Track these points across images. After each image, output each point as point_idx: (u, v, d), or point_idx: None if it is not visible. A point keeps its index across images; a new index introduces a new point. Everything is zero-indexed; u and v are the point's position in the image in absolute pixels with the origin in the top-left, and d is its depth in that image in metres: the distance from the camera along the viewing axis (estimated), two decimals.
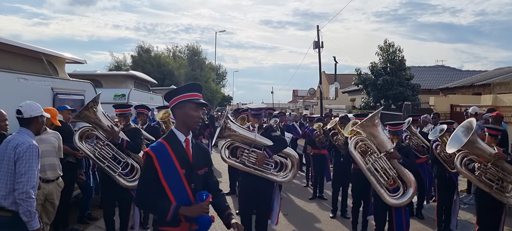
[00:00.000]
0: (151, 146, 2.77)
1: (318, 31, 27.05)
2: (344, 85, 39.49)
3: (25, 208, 3.37)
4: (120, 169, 5.15)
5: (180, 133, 2.82)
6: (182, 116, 2.80)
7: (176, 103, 2.79)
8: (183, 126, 2.82)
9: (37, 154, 3.52)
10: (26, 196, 3.36)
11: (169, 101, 2.84)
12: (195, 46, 44.39)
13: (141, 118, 6.70)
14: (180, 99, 2.78)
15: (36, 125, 3.69)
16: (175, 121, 2.88)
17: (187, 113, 2.79)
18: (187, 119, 2.80)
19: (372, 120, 5.15)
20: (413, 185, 4.96)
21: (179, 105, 2.79)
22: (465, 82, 21.58)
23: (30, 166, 3.43)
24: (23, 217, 3.39)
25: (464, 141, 4.95)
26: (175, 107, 2.81)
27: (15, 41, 6.16)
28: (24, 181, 3.38)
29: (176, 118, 2.85)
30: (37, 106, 3.72)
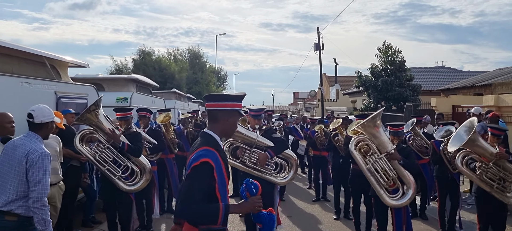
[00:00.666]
0: (207, 155, 2.54)
1: (319, 33, 27.11)
2: (344, 87, 39.47)
3: (40, 216, 3.35)
4: (120, 172, 5.14)
5: (220, 140, 2.72)
6: (229, 123, 2.71)
7: (229, 109, 2.69)
8: (223, 133, 2.74)
9: (49, 160, 3.50)
10: (41, 204, 3.35)
11: (214, 102, 2.71)
12: (196, 49, 44.56)
13: (143, 120, 6.72)
14: (234, 107, 2.71)
15: (45, 131, 3.68)
16: (213, 124, 2.71)
17: (234, 123, 2.76)
18: (231, 128, 2.75)
19: (373, 120, 5.16)
20: (413, 187, 4.97)
21: (231, 113, 2.70)
22: (466, 83, 21.59)
23: (44, 173, 3.41)
24: (38, 226, 3.37)
25: (465, 139, 4.96)
26: (223, 113, 2.68)
27: (18, 46, 6.19)
28: (39, 189, 3.36)
29: (218, 122, 2.69)
30: (49, 112, 3.70)
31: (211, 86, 42.25)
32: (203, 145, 2.61)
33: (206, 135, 2.70)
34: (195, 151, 2.60)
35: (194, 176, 2.51)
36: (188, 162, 2.59)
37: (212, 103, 2.71)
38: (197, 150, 2.60)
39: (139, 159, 5.32)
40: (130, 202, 5.44)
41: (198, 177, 2.51)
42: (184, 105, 18.08)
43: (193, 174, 2.51)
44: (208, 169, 2.51)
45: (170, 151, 7.64)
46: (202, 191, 2.49)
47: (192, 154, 2.60)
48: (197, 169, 2.50)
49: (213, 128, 2.71)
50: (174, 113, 12.67)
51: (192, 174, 2.51)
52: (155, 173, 6.63)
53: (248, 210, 2.62)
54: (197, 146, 2.65)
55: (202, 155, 2.53)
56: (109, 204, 5.51)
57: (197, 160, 2.51)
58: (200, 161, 2.50)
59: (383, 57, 21.84)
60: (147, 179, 5.34)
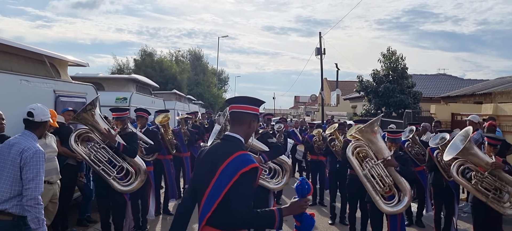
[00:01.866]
0: (253, 160, 2.51)
1: (321, 38, 27.15)
2: (345, 92, 39.50)
3: (33, 214, 3.34)
4: (115, 173, 5.11)
5: None
6: (252, 127, 2.71)
7: (254, 113, 2.69)
8: (247, 136, 2.70)
9: (43, 159, 3.49)
10: (35, 202, 3.34)
11: (245, 105, 2.68)
12: (197, 51, 44.61)
13: (141, 121, 6.73)
14: (257, 112, 2.72)
15: (42, 130, 3.70)
16: (239, 127, 2.66)
17: (255, 127, 2.76)
18: (252, 131, 2.75)
19: (371, 126, 5.17)
20: (409, 194, 4.97)
21: (255, 117, 2.71)
22: (467, 91, 21.59)
23: (38, 171, 3.41)
24: (31, 224, 3.35)
25: (460, 147, 4.94)
26: (250, 116, 2.67)
27: (18, 43, 6.21)
28: (32, 187, 3.36)
29: (244, 125, 2.66)
30: (47, 111, 3.72)
31: (212, 88, 42.28)
32: (238, 149, 2.55)
33: (233, 138, 2.63)
34: (233, 155, 2.50)
35: (246, 182, 2.44)
36: (228, 168, 2.47)
37: (241, 106, 2.67)
38: (235, 154, 2.50)
39: (135, 159, 5.29)
40: (124, 203, 5.42)
41: (249, 182, 2.47)
42: (184, 106, 18.11)
43: (244, 180, 2.43)
44: (256, 173, 2.50)
45: (168, 152, 7.64)
46: (250, 196, 2.47)
47: (228, 160, 2.49)
48: (249, 174, 2.45)
49: (238, 130, 2.66)
50: (174, 114, 12.70)
51: (243, 180, 2.43)
52: (151, 174, 6.63)
53: (297, 212, 2.60)
54: (228, 150, 2.55)
55: (250, 160, 2.48)
56: (102, 204, 5.47)
57: (246, 165, 2.44)
58: (250, 166, 2.45)
59: (386, 63, 21.86)
60: (142, 180, 5.32)
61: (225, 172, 2.47)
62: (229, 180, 2.43)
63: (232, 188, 2.43)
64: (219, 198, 2.46)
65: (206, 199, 2.53)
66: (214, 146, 2.73)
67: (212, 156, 2.63)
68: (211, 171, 2.53)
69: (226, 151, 2.55)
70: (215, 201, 2.47)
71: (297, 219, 2.64)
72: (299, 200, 2.60)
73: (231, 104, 2.72)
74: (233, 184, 2.43)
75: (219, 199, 2.46)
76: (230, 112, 2.71)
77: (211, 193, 2.50)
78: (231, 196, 2.44)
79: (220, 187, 2.46)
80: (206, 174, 2.57)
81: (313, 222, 2.66)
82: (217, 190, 2.47)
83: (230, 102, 2.75)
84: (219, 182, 2.47)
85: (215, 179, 2.49)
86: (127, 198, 5.44)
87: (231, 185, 2.43)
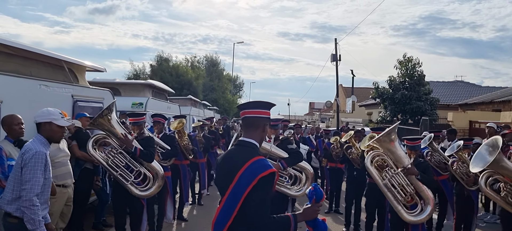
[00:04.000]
0: (271, 165, 2.52)
1: (336, 44, 27.04)
2: (361, 98, 39.23)
3: (28, 216, 3.34)
4: (132, 177, 5.09)
5: None
6: (266, 130, 2.72)
7: (266, 117, 2.71)
8: (261, 140, 2.71)
9: (43, 161, 3.47)
10: (29, 203, 3.33)
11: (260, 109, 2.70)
12: (213, 57, 44.90)
13: (157, 126, 6.75)
14: (269, 116, 2.73)
15: (44, 132, 3.64)
16: (254, 132, 2.67)
17: (267, 131, 2.78)
18: (265, 135, 2.77)
19: (389, 135, 5.02)
20: (432, 202, 4.82)
21: (268, 120, 2.73)
22: (485, 99, 21.26)
23: (35, 173, 3.39)
24: (28, 225, 3.35)
25: (490, 160, 4.62)
26: (264, 120, 2.69)
27: (37, 49, 6.28)
28: (28, 188, 3.35)
29: (258, 130, 2.67)
30: (44, 113, 3.67)
31: (227, 94, 42.41)
32: (255, 155, 2.54)
33: (249, 143, 2.63)
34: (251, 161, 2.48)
35: (264, 187, 2.44)
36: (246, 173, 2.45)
37: (254, 110, 2.68)
38: (253, 159, 2.49)
39: (152, 164, 5.28)
40: (142, 208, 5.41)
41: (268, 187, 2.47)
42: (200, 112, 18.17)
43: (263, 185, 2.42)
44: (274, 179, 2.50)
45: (184, 157, 7.64)
46: (267, 201, 2.46)
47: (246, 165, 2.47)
48: (267, 179, 2.44)
49: (253, 135, 2.65)
50: (189, 120, 12.74)
51: (262, 185, 2.42)
52: (168, 179, 6.64)
53: (311, 217, 2.59)
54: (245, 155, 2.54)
55: (268, 165, 2.48)
56: (119, 209, 5.47)
57: (264, 170, 2.43)
58: (269, 171, 2.44)
59: (402, 69, 21.67)
60: (160, 185, 5.30)
61: (243, 177, 2.45)
62: (247, 185, 2.41)
63: (251, 193, 2.42)
64: (239, 203, 2.44)
65: (224, 205, 2.52)
66: (230, 152, 2.73)
67: (229, 161, 2.61)
68: (228, 176, 2.52)
69: (243, 156, 2.53)
70: (235, 207, 2.45)
71: (309, 225, 2.63)
72: (312, 206, 2.59)
73: (244, 110, 2.71)
74: (252, 189, 2.41)
75: (239, 204, 2.44)
76: (243, 117, 2.71)
77: (230, 199, 2.48)
78: (249, 202, 2.43)
79: (239, 193, 2.45)
80: (225, 180, 2.57)
81: (326, 227, 2.66)
82: (236, 195, 2.45)
83: (243, 108, 2.74)
84: (237, 187, 2.46)
85: (233, 185, 2.48)
86: (144, 203, 5.43)
87: (250, 190, 2.41)
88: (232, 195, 2.48)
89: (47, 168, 3.56)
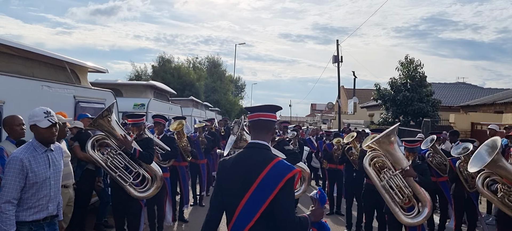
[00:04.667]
0: (294, 166, 2.55)
1: (338, 46, 27.06)
2: (362, 100, 39.23)
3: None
4: (131, 179, 5.08)
5: None
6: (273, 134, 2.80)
7: (275, 120, 2.74)
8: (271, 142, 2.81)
9: (19, 166, 3.35)
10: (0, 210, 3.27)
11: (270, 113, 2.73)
12: (215, 58, 45.00)
13: (158, 127, 6.77)
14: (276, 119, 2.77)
15: (36, 134, 3.55)
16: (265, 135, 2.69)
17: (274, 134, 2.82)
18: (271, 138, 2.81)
19: (388, 137, 5.03)
20: (429, 205, 4.83)
21: (275, 124, 2.77)
22: (487, 100, 21.24)
23: (8, 178, 3.32)
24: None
25: (488, 160, 4.64)
26: (273, 123, 2.72)
27: (40, 50, 6.32)
28: (0, 194, 3.30)
29: (270, 133, 2.71)
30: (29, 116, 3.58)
31: (229, 95, 42.44)
32: (274, 157, 2.57)
33: (263, 145, 2.65)
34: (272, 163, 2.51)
35: (291, 188, 2.49)
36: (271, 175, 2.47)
37: (267, 114, 2.71)
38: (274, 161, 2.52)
39: (151, 165, 5.27)
40: (140, 209, 5.40)
41: (292, 189, 2.51)
42: (201, 113, 18.20)
43: (289, 186, 2.47)
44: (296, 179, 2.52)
45: (183, 159, 7.66)
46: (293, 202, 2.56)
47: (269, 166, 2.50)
48: (293, 180, 2.48)
49: (265, 137, 2.68)
50: (191, 121, 12.77)
51: (289, 186, 2.46)
52: (167, 180, 6.66)
53: (318, 219, 2.69)
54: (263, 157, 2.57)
55: (291, 166, 2.51)
56: (118, 210, 5.45)
57: (289, 171, 2.47)
58: (294, 171, 2.48)
59: (404, 71, 21.67)
60: (158, 186, 5.29)
61: (267, 180, 2.46)
62: (273, 188, 2.43)
63: (278, 196, 2.44)
64: (262, 207, 2.44)
65: (242, 209, 2.51)
66: (242, 155, 2.69)
67: (244, 165, 2.60)
68: (246, 180, 2.53)
69: (262, 158, 2.56)
70: (258, 210, 2.45)
71: (314, 226, 2.73)
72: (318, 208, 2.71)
73: (257, 112, 2.73)
74: (279, 191, 2.44)
75: (262, 208, 2.45)
76: (256, 120, 2.71)
77: (250, 202, 2.48)
78: (279, 203, 2.44)
79: (262, 196, 2.46)
80: (239, 184, 2.56)
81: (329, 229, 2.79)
82: (259, 199, 2.46)
83: (255, 110, 2.75)
84: (260, 190, 2.47)
85: (254, 188, 2.48)
86: (142, 205, 5.44)
87: (277, 192, 2.43)
88: (253, 198, 2.48)
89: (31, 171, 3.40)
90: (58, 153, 3.77)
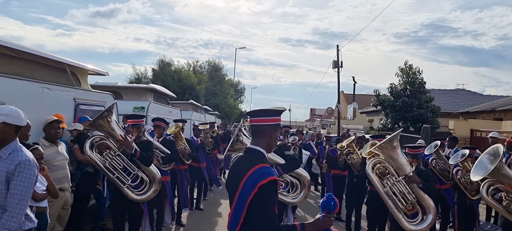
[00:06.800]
0: (272, 173, 2.54)
1: (338, 51, 27.10)
2: (362, 105, 39.24)
3: None
4: (129, 181, 5.00)
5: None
6: (273, 137, 2.72)
7: (273, 124, 2.71)
8: (269, 147, 2.73)
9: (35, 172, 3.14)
10: None
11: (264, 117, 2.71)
12: (216, 61, 45.05)
13: (158, 130, 6.73)
14: (277, 122, 2.74)
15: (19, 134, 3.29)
16: (260, 140, 2.70)
17: (277, 137, 2.76)
18: (274, 142, 2.76)
19: (391, 142, 4.99)
20: (433, 211, 4.77)
21: (275, 127, 2.72)
22: (486, 107, 21.25)
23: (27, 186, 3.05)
24: None
25: (490, 168, 4.57)
26: (270, 127, 2.70)
27: (40, 51, 6.28)
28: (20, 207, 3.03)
29: (265, 137, 2.69)
30: None
31: (229, 99, 42.45)
32: (259, 162, 2.57)
33: (255, 151, 2.67)
34: (253, 168, 2.52)
35: (265, 195, 2.47)
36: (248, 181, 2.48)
37: (258, 119, 2.71)
38: (255, 167, 2.52)
39: (150, 168, 5.19)
40: (141, 213, 5.33)
41: (269, 195, 2.49)
42: (201, 117, 18.18)
43: (263, 193, 2.45)
44: (275, 186, 2.52)
45: (181, 162, 7.60)
46: (272, 209, 2.48)
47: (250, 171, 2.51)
48: (267, 187, 2.46)
49: (259, 143, 2.69)
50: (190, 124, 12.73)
51: (262, 193, 2.45)
52: (168, 183, 6.61)
53: (321, 228, 2.59)
54: (252, 162, 2.57)
55: (268, 173, 2.51)
56: (118, 214, 5.34)
57: (264, 178, 2.46)
58: (268, 179, 2.47)
59: (403, 77, 21.69)
60: (156, 189, 5.21)
61: (246, 185, 2.49)
62: (249, 193, 2.45)
63: (253, 201, 2.45)
64: (244, 211, 2.48)
65: (232, 212, 2.56)
66: (238, 159, 2.76)
67: (237, 168, 2.67)
68: (235, 184, 2.57)
69: (248, 163, 2.57)
70: (241, 215, 2.49)
71: None
72: (323, 217, 2.58)
73: (251, 117, 2.76)
74: (253, 197, 2.45)
75: (243, 212, 2.48)
76: (252, 125, 2.74)
77: (236, 206, 2.52)
78: (252, 209, 2.46)
79: (243, 200, 2.49)
80: (232, 186, 2.62)
81: None
82: (241, 203, 2.49)
83: (250, 115, 2.80)
84: (242, 195, 2.50)
85: (239, 192, 2.52)
86: (143, 208, 5.34)
87: (251, 198, 2.45)
88: (238, 201, 2.52)
89: None
90: None
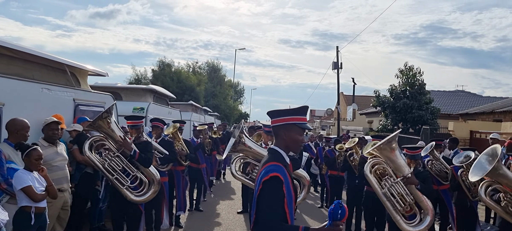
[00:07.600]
0: (276, 170, 2.55)
1: (338, 52, 27.11)
2: (362, 107, 39.24)
3: None
4: (129, 182, 4.98)
5: (286, 155, 2.72)
6: (288, 138, 2.71)
7: (283, 124, 2.71)
8: (287, 148, 2.73)
9: None
10: None
11: (273, 119, 2.74)
12: (215, 63, 45.05)
13: (156, 131, 6.73)
14: (289, 121, 2.70)
15: None
16: (277, 141, 2.75)
17: (293, 137, 2.72)
18: (291, 142, 2.73)
19: (389, 143, 4.99)
20: (431, 213, 4.78)
21: (286, 127, 2.70)
22: (486, 109, 21.27)
23: None
24: None
25: (488, 168, 4.59)
26: (280, 128, 2.72)
27: (40, 52, 6.29)
28: None
29: (279, 138, 2.73)
30: None
31: (228, 100, 42.45)
32: (270, 160, 2.64)
33: (272, 150, 2.75)
34: (263, 167, 2.62)
35: (268, 192, 2.52)
36: (258, 179, 2.62)
37: (272, 120, 2.77)
38: (265, 165, 2.62)
39: (149, 169, 5.18)
40: (139, 214, 5.31)
41: (272, 192, 2.51)
42: (200, 117, 18.19)
43: (266, 190, 2.52)
44: (278, 183, 2.52)
45: (178, 163, 7.55)
46: (275, 205, 2.50)
47: (261, 170, 2.63)
48: (270, 184, 2.51)
49: (277, 143, 2.76)
50: (190, 125, 12.74)
51: (265, 190, 2.52)
52: (165, 184, 6.60)
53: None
54: (265, 161, 2.68)
55: (271, 170, 2.55)
56: (116, 215, 5.35)
57: (266, 175, 2.53)
58: (270, 175, 2.52)
59: (403, 78, 21.71)
60: (155, 190, 5.20)
61: (256, 183, 2.65)
62: (257, 190, 2.57)
63: (259, 198, 2.54)
64: (255, 208, 2.57)
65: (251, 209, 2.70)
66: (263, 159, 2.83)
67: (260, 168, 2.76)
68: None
69: (263, 163, 2.70)
70: (254, 212, 2.59)
71: None
72: (330, 225, 2.46)
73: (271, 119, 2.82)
74: (259, 194, 2.55)
75: (255, 209, 2.57)
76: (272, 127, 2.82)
77: (253, 204, 2.64)
78: (258, 206, 2.54)
79: (254, 198, 2.61)
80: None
81: None
82: (254, 200, 2.61)
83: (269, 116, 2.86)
84: (254, 192, 2.65)
85: (255, 190, 2.66)
86: (142, 209, 5.33)
87: (258, 195, 2.56)
88: (253, 199, 2.63)
89: None
90: None
